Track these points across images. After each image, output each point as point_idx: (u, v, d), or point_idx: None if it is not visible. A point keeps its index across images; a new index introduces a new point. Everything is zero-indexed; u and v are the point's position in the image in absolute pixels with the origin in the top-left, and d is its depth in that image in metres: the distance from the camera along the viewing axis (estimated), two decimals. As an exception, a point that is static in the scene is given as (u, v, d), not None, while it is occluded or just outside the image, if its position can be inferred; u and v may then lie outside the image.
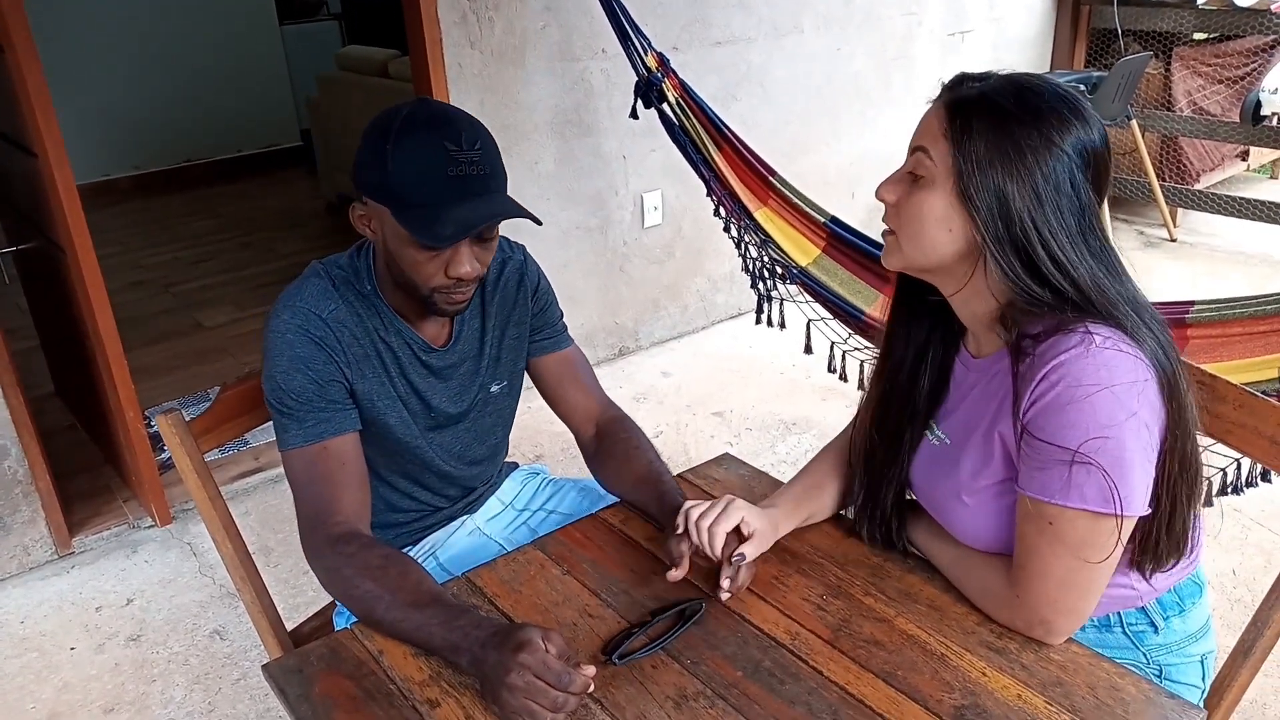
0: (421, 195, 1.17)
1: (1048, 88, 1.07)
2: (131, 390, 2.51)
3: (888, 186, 1.13)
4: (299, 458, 1.26)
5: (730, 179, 2.67)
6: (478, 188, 1.18)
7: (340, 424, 1.27)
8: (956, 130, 1.05)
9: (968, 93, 1.07)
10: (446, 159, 1.16)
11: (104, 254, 4.71)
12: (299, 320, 1.26)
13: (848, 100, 3.84)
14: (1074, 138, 1.04)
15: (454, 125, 1.18)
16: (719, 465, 1.47)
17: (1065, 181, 1.03)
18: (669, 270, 3.59)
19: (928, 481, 1.22)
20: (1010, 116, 1.04)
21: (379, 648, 1.13)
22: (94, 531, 2.61)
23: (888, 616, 1.13)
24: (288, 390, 1.25)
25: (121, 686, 2.13)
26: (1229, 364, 2.04)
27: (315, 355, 1.25)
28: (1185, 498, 1.08)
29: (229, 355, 3.66)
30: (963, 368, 1.20)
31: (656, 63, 2.66)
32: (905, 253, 1.12)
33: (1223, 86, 4.37)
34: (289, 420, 1.26)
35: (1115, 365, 1.00)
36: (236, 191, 5.89)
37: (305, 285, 1.29)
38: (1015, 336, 1.05)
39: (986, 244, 1.05)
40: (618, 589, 1.20)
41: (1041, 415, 1.02)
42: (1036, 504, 1.04)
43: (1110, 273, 1.06)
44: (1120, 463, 1.00)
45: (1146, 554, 1.10)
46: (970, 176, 1.04)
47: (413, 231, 1.18)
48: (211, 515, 1.38)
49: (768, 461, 2.83)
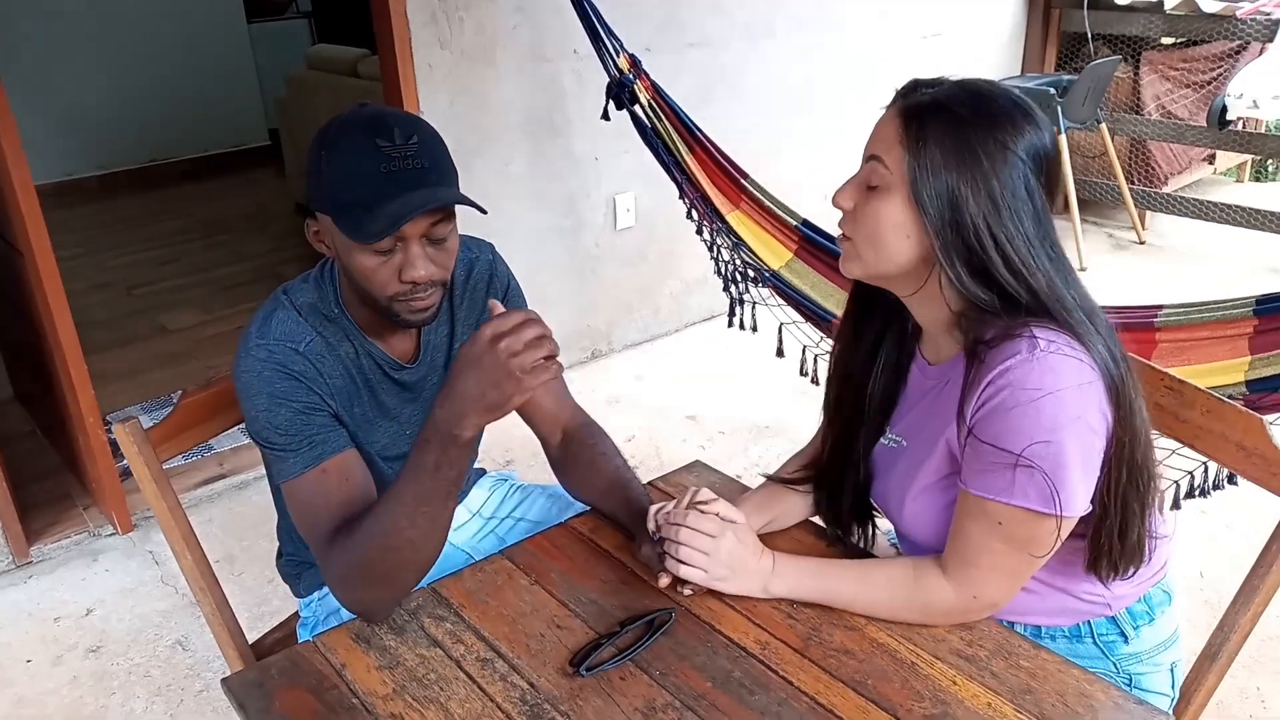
0: (355, 195, 1.12)
1: (1000, 93, 1.06)
2: (91, 396, 2.46)
3: (844, 193, 1.12)
4: (299, 486, 1.19)
5: (703, 182, 2.65)
6: (413, 181, 1.13)
7: (336, 443, 1.20)
8: (911, 137, 1.05)
9: (922, 99, 1.07)
10: (378, 156, 1.11)
11: (66, 255, 4.68)
12: (275, 356, 1.20)
13: (821, 102, 3.84)
14: (1028, 143, 1.04)
15: (386, 122, 1.13)
16: (690, 472, 1.45)
17: (1021, 187, 1.03)
18: (642, 273, 3.57)
19: (882, 483, 1.22)
20: (966, 122, 1.03)
21: (342, 661, 1.10)
22: (53, 540, 2.56)
23: (858, 625, 1.12)
24: (273, 427, 1.19)
25: (80, 700, 2.08)
26: (1196, 367, 2.05)
27: (295, 388, 1.19)
28: (1137, 505, 1.08)
29: (194, 359, 3.60)
30: (919, 373, 1.19)
31: (629, 64, 2.64)
32: (864, 260, 1.12)
33: (1190, 91, 4.42)
34: (281, 453, 1.19)
35: (1060, 370, 1.00)
36: (203, 191, 5.81)
37: (272, 319, 1.23)
38: (971, 342, 1.05)
39: (937, 251, 1.04)
40: (586, 599, 1.18)
41: (986, 419, 1.02)
42: (983, 502, 1.04)
43: (1065, 278, 1.06)
44: (1061, 467, 1.00)
45: (1100, 560, 1.10)
46: (925, 183, 1.04)
47: (347, 232, 1.13)
48: (171, 526, 1.35)
49: (741, 465, 2.82)
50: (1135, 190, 4.37)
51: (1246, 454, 1.25)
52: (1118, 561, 1.09)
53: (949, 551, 1.10)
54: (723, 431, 3.02)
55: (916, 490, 1.14)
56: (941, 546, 1.12)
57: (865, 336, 1.22)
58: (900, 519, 1.18)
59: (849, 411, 1.23)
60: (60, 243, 4.73)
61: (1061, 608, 1.18)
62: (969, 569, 1.08)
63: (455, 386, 1.02)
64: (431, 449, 1.06)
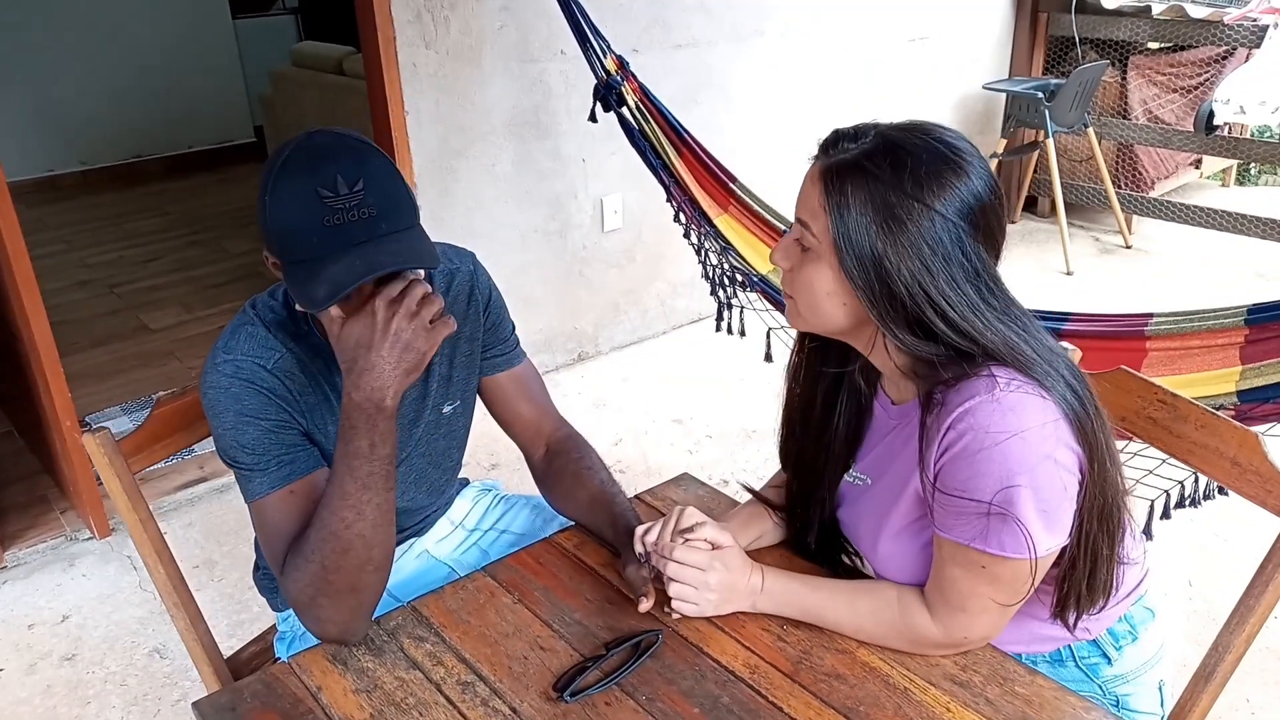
0: (298, 251, 1.05)
1: (923, 145, 1.00)
2: (68, 398, 2.42)
3: (781, 252, 1.08)
4: (267, 506, 1.15)
5: (690, 185, 2.63)
6: (359, 235, 1.03)
7: (305, 463, 1.17)
8: (833, 203, 1.00)
9: (842, 157, 1.01)
10: (320, 207, 1.02)
11: (47, 252, 4.63)
12: (242, 373, 1.15)
13: (808, 105, 3.82)
14: (956, 200, 0.98)
15: (329, 165, 1.03)
16: (677, 486, 1.42)
17: (955, 249, 0.98)
18: (629, 275, 3.54)
19: (851, 521, 1.19)
20: (886, 184, 0.98)
21: (318, 683, 1.07)
22: (28, 544, 2.51)
23: (849, 648, 1.09)
24: (241, 445, 1.15)
25: (53, 710, 2.04)
26: (1187, 377, 2.04)
27: (265, 405, 1.15)
28: (1107, 550, 1.05)
29: (175, 359, 3.55)
30: (882, 411, 1.15)
31: (616, 65, 2.61)
32: (806, 320, 1.09)
33: (1177, 95, 4.42)
34: (249, 472, 1.15)
35: (1022, 408, 0.96)
36: (187, 188, 5.75)
37: (239, 335, 1.18)
38: (926, 390, 1.02)
39: (876, 319, 1.00)
40: (571, 619, 1.15)
41: (951, 465, 0.98)
42: (962, 548, 1.01)
43: (1021, 330, 1.01)
44: (1032, 510, 0.97)
45: (1067, 607, 1.07)
46: (849, 252, 0.99)
47: (294, 296, 1.08)
48: (144, 540, 1.31)
49: (728, 470, 2.80)
50: (1122, 194, 4.37)
51: (1241, 470, 1.23)
52: (1083, 605, 1.07)
53: (934, 596, 1.06)
54: (710, 435, 3.00)
55: (889, 534, 1.10)
56: (918, 582, 1.10)
57: (823, 381, 1.17)
58: (874, 559, 1.15)
59: (810, 457, 1.20)
60: (41, 240, 4.75)
61: (1041, 635, 1.15)
62: (957, 614, 1.04)
63: (367, 362, 1.03)
64: (360, 432, 1.05)
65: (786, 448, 1.23)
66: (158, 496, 2.67)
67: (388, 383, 1.03)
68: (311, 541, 1.09)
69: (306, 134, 1.10)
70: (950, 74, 4.32)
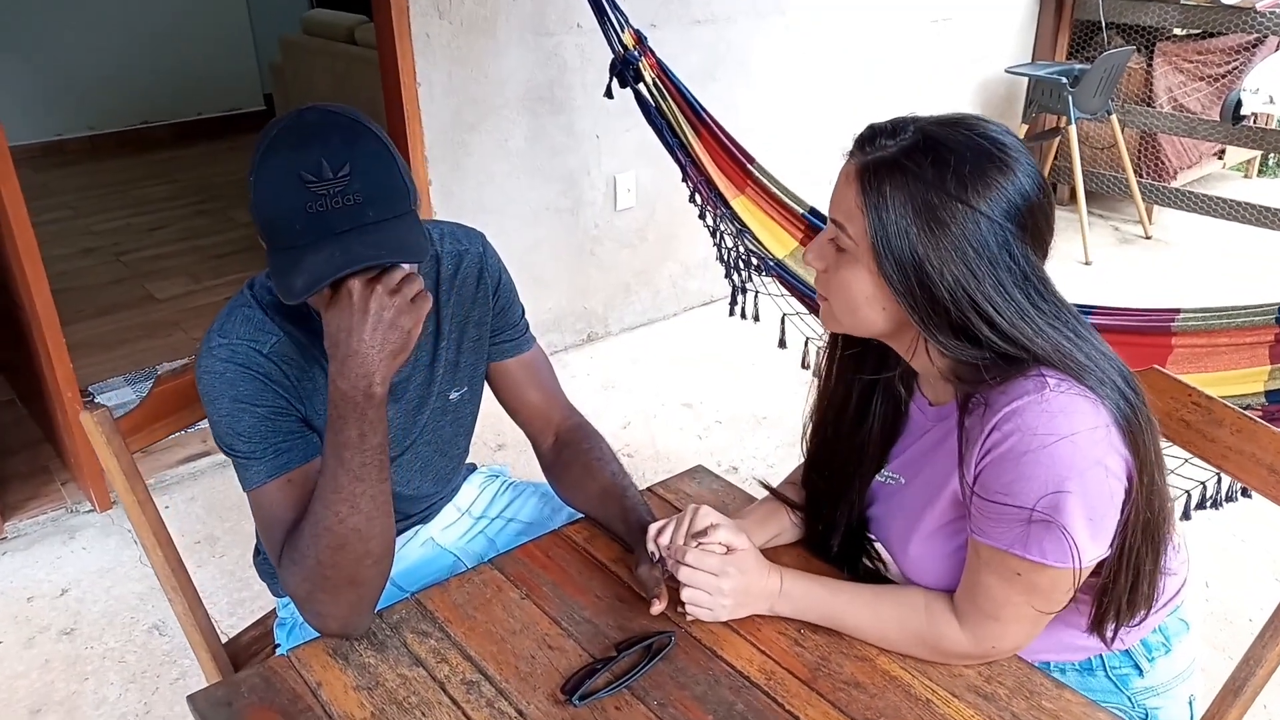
0: (280, 237, 1.00)
1: (967, 141, 0.94)
2: (69, 369, 2.38)
3: (815, 253, 1.02)
4: (264, 495, 1.11)
5: (707, 165, 2.57)
6: (343, 223, 0.98)
7: (303, 451, 1.12)
8: (871, 204, 0.94)
9: (879, 155, 0.95)
10: (303, 192, 0.97)
11: (53, 218, 4.59)
12: (238, 357, 1.11)
13: (828, 85, 3.75)
14: (1002, 200, 0.93)
15: (314, 147, 0.98)
16: (691, 479, 1.38)
17: (1001, 253, 0.93)
18: (641, 254, 3.49)
19: (881, 521, 1.15)
20: (927, 184, 0.92)
21: (317, 680, 1.03)
22: (29, 515, 2.49)
23: (869, 655, 1.05)
24: (237, 433, 1.11)
25: (51, 685, 2.01)
26: (1214, 375, 1.98)
27: (261, 391, 1.11)
28: (1150, 564, 1.00)
29: (180, 330, 3.51)
30: (919, 412, 1.11)
31: (633, 40, 2.55)
32: (841, 324, 1.04)
33: (1204, 84, 4.33)
34: (246, 460, 1.11)
35: (1074, 411, 0.92)
36: (195, 156, 5.69)
37: (234, 318, 1.14)
38: (968, 389, 0.97)
39: (917, 325, 0.96)
40: (580, 617, 1.11)
41: (994, 468, 0.94)
42: (999, 554, 0.96)
43: (1073, 335, 0.96)
44: (1078, 519, 0.92)
45: (1105, 621, 1.03)
46: (888, 257, 0.94)
47: (275, 285, 1.02)
48: (141, 520, 1.27)
49: (738, 456, 2.76)
50: (1143, 184, 4.29)
51: (1279, 477, 1.19)
52: (1123, 618, 1.02)
53: (965, 603, 1.02)
54: (720, 421, 2.95)
55: (920, 536, 1.06)
56: (947, 586, 1.06)
57: (857, 380, 1.12)
58: (903, 561, 1.10)
59: (843, 457, 1.15)
60: (48, 205, 4.70)
61: (1071, 644, 1.11)
62: (988, 622, 1.00)
63: (350, 348, 0.99)
64: (350, 422, 1.01)
65: (817, 447, 1.19)
66: (160, 470, 2.64)
67: (373, 368, 0.99)
68: (306, 536, 1.05)
69: (298, 111, 1.04)
70: (972, 56, 4.24)
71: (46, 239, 4.28)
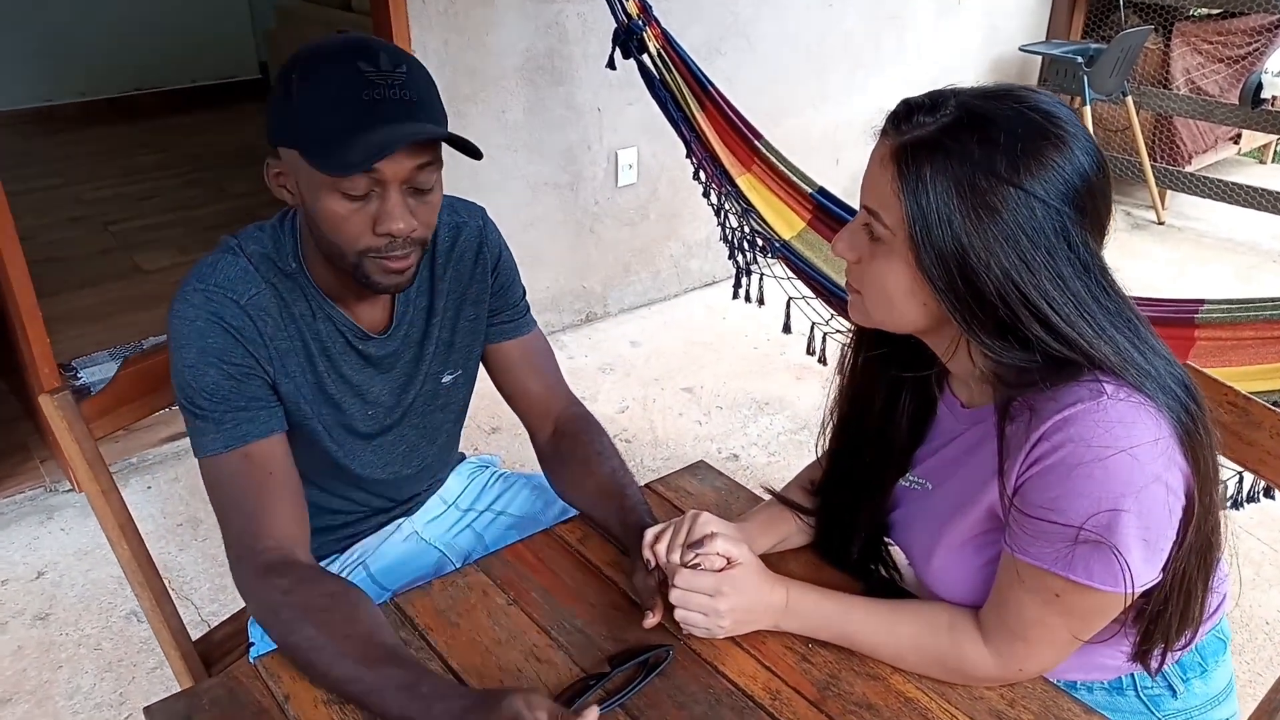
0: (330, 123, 0.97)
1: (1015, 115, 0.84)
2: (46, 343, 2.29)
3: (846, 241, 0.93)
4: (218, 466, 1.06)
5: (713, 141, 2.47)
6: (399, 113, 0.98)
7: (265, 424, 1.07)
8: (908, 188, 0.85)
9: (917, 133, 0.86)
10: (361, 81, 0.96)
11: (41, 186, 4.48)
12: (212, 305, 1.05)
13: (836, 60, 3.64)
14: (1059, 181, 0.83)
15: (371, 47, 0.99)
16: (693, 476, 1.30)
17: (1060, 240, 0.83)
18: (641, 233, 3.39)
19: (903, 524, 1.06)
20: (973, 165, 0.83)
21: (285, 692, 0.95)
22: (5, 494, 2.41)
23: (882, 673, 0.97)
24: (199, 388, 1.04)
25: (23, 673, 1.94)
26: (1238, 369, 1.90)
27: (230, 346, 1.05)
28: (1201, 585, 0.92)
29: (167, 303, 3.40)
30: (949, 413, 1.02)
31: (638, 9, 2.45)
32: (874, 318, 0.95)
33: (1223, 65, 4.22)
34: (203, 423, 1.05)
35: (1134, 421, 0.83)
36: (188, 124, 5.56)
37: (219, 264, 1.08)
38: (1009, 392, 0.88)
39: (959, 323, 0.86)
40: (571, 626, 1.03)
41: (1040, 480, 0.85)
42: (1038, 572, 0.88)
43: (1133, 336, 0.86)
44: (1132, 539, 0.84)
45: (1152, 649, 0.95)
46: (925, 248, 0.84)
47: (317, 163, 0.98)
48: (105, 511, 1.19)
49: (739, 443, 2.68)
50: (1157, 168, 4.19)
51: (1322, 485, 1.11)
52: (1172, 642, 0.95)
53: (993, 621, 0.94)
54: (720, 406, 2.87)
55: (946, 547, 0.98)
56: (971, 601, 0.98)
57: (884, 377, 1.04)
58: (925, 571, 1.02)
59: (866, 460, 1.06)
60: (35, 173, 4.60)
61: (1101, 663, 1.03)
62: (1018, 643, 0.92)
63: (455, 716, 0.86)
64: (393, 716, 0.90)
65: (839, 448, 1.10)
66: (142, 449, 2.56)
67: None
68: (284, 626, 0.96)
69: (339, 31, 1.03)
70: (985, 33, 4.12)
71: (33, 207, 4.21)
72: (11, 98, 5.20)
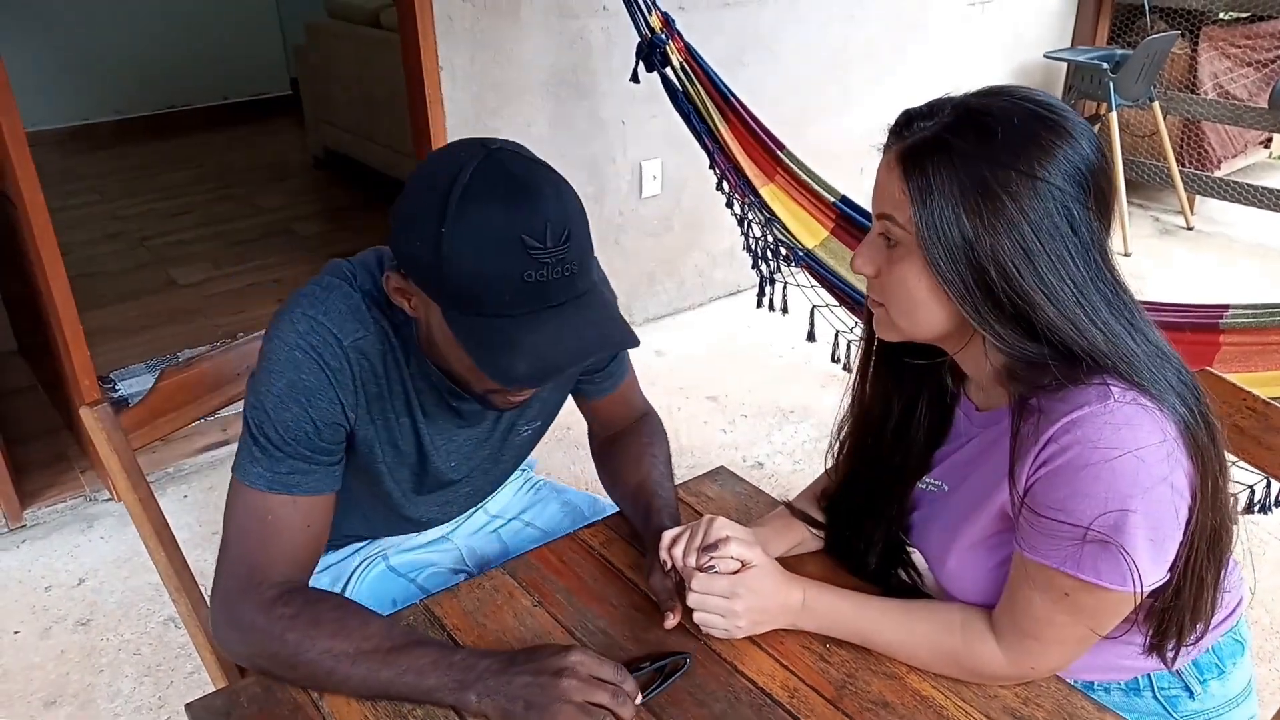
0: (485, 305, 0.90)
1: (1011, 107, 0.87)
2: (86, 356, 2.36)
3: (864, 257, 0.95)
4: (255, 498, 1.02)
5: (736, 152, 2.50)
6: (560, 294, 0.91)
7: (320, 482, 1.04)
8: (914, 187, 0.87)
9: (919, 136, 0.89)
10: (524, 259, 0.87)
11: (80, 203, 4.60)
12: (314, 339, 1.00)
13: (859, 69, 3.66)
14: (1062, 163, 0.85)
15: (534, 205, 0.89)
16: (714, 481, 1.32)
17: (1061, 222, 0.85)
18: (666, 243, 3.43)
19: (919, 529, 1.08)
20: (974, 157, 0.85)
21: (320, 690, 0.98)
22: (48, 503, 2.47)
23: (898, 673, 0.99)
24: (275, 420, 1.00)
25: (66, 677, 1.99)
26: (1264, 374, 1.90)
27: (321, 389, 1.01)
28: (1212, 577, 0.93)
29: (202, 316, 3.49)
30: (964, 417, 1.04)
31: (661, 23, 2.48)
32: (900, 329, 0.97)
33: (1251, 70, 4.19)
34: (261, 454, 1.01)
35: (1140, 424, 0.85)
36: (221, 140, 5.68)
37: (331, 296, 1.02)
38: (1022, 394, 0.90)
39: (970, 315, 0.89)
40: (594, 627, 1.06)
41: (1049, 481, 0.87)
42: (1047, 571, 0.90)
43: (1130, 325, 0.88)
44: (1139, 539, 0.85)
45: (1165, 641, 0.96)
46: (935, 244, 0.87)
47: (476, 360, 0.92)
48: (143, 519, 1.23)
49: (763, 452, 2.69)
50: (1185, 173, 4.17)
51: (1341, 489, 1.11)
52: (1185, 635, 0.96)
53: (1005, 620, 0.96)
54: (745, 414, 2.89)
55: (961, 548, 0.99)
56: (986, 601, 0.99)
57: (903, 381, 1.06)
58: (941, 573, 1.04)
59: (883, 468, 1.08)
60: (74, 190, 4.71)
61: (1117, 663, 1.04)
62: (1028, 641, 0.94)
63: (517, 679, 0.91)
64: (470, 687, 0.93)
65: (856, 455, 1.12)
66: (179, 459, 2.62)
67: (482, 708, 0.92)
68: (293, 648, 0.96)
69: (487, 151, 0.92)
70: (1009, 41, 4.12)
71: (72, 224, 4.32)
72: (52, 117, 5.33)
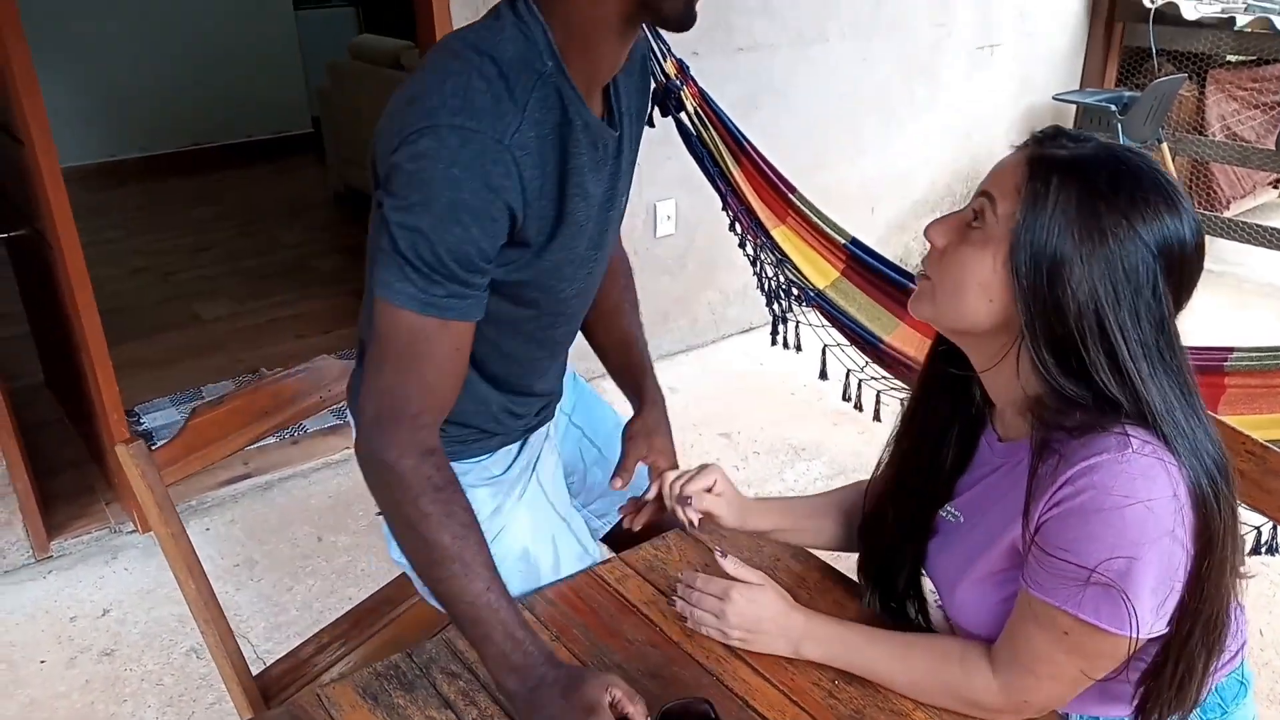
0: None
1: (1146, 170, 0.92)
2: (115, 390, 2.42)
3: (939, 229, 0.99)
4: (407, 320, 0.97)
5: (748, 194, 2.56)
6: None
7: (474, 309, 1.00)
8: (1032, 190, 0.92)
9: (1057, 151, 0.93)
10: None
11: (106, 239, 4.69)
12: (475, 150, 0.91)
13: (871, 113, 3.72)
14: (1162, 233, 0.89)
15: None
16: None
17: (1147, 284, 0.89)
18: (680, 281, 3.48)
19: (933, 556, 1.12)
20: (1099, 194, 0.90)
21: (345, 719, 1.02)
22: (74, 535, 2.52)
23: (904, 709, 1.02)
24: (436, 239, 0.92)
25: (91, 706, 2.03)
26: (1269, 417, 1.93)
27: (488, 207, 0.93)
28: (1202, 663, 0.95)
29: (224, 351, 3.56)
30: (987, 447, 1.08)
31: (675, 69, 2.55)
32: (937, 306, 1.00)
33: (1258, 112, 4.24)
34: (415, 274, 0.94)
35: (1155, 476, 0.88)
36: (244, 178, 5.79)
37: (471, 87, 0.92)
38: (1044, 433, 0.93)
39: (1024, 329, 0.92)
40: (611, 662, 1.10)
41: (1060, 522, 0.90)
42: (1049, 609, 0.93)
43: (1184, 397, 0.91)
44: (1141, 587, 0.88)
45: (1153, 708, 0.98)
46: (1026, 246, 0.91)
47: None
48: (175, 553, 1.28)
49: (775, 489, 2.72)
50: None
51: (1339, 532, 1.14)
52: (1172, 708, 0.98)
53: (1004, 652, 0.99)
54: (758, 451, 2.93)
55: (970, 580, 1.03)
56: (990, 635, 1.02)
57: (942, 410, 1.10)
58: (949, 602, 1.08)
59: (916, 490, 1.12)
60: (100, 225, 4.81)
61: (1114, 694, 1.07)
62: (1025, 676, 0.97)
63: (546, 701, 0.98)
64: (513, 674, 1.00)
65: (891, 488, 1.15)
66: (201, 492, 2.67)
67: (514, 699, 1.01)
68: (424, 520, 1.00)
69: None
70: (1019, 84, 4.19)
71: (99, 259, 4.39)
72: (79, 154, 5.45)
